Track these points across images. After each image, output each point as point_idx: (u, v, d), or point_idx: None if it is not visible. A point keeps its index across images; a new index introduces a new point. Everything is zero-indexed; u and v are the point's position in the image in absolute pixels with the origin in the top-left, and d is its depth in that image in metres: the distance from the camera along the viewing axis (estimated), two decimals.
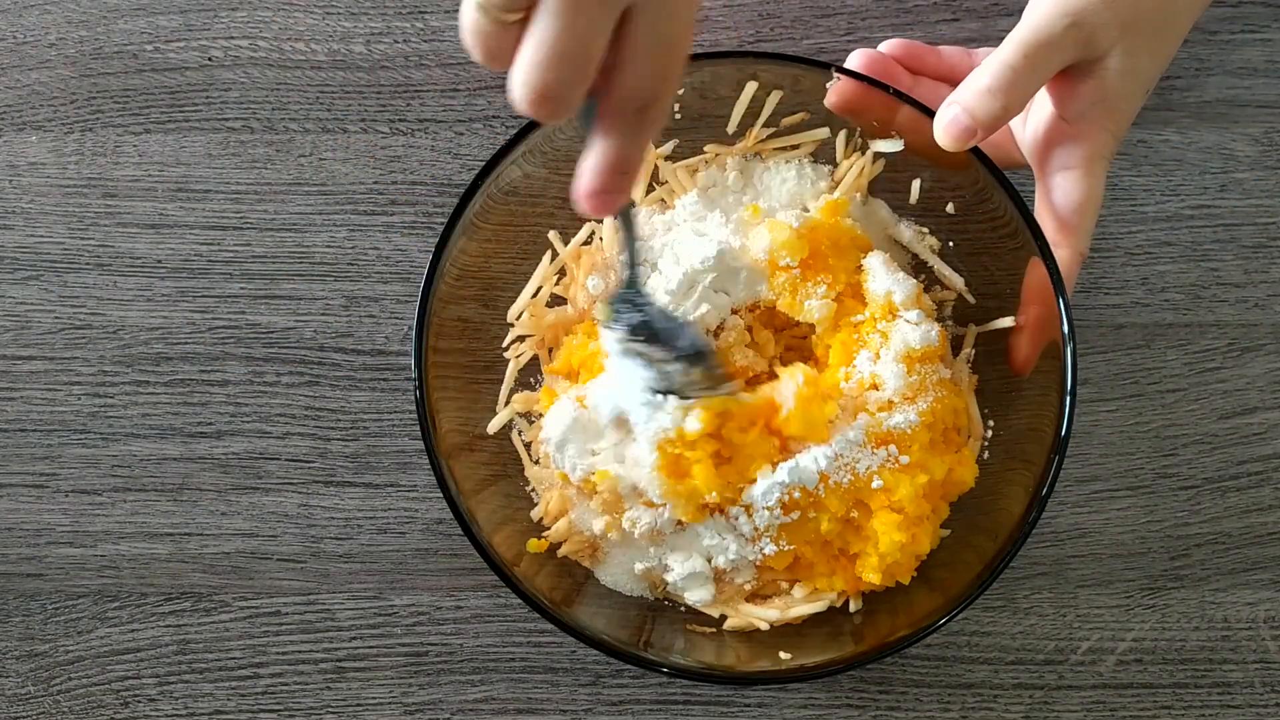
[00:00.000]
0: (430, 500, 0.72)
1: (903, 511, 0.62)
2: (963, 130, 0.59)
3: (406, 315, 0.73)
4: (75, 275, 0.74)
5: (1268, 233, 0.74)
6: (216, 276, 0.74)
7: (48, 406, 0.73)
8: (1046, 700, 0.70)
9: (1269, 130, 0.75)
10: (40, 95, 0.76)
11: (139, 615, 0.71)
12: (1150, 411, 0.72)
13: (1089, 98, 0.60)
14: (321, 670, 0.70)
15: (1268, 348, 0.73)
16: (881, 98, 0.64)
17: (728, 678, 0.64)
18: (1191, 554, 0.71)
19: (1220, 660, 0.70)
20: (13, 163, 0.75)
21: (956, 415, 0.66)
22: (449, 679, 0.70)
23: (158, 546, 0.72)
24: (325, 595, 0.71)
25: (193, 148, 0.75)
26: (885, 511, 0.63)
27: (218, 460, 0.72)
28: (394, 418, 0.73)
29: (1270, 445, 0.72)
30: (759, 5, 0.76)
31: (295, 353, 0.73)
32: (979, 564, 0.62)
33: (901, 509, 0.62)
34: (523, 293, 0.69)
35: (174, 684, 0.71)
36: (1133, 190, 0.74)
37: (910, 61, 0.68)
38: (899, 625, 0.63)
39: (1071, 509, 0.71)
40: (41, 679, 0.71)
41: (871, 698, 0.70)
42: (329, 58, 0.76)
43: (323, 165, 0.75)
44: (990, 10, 0.75)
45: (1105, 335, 0.73)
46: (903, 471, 0.63)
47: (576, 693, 0.70)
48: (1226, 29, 0.75)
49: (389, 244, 0.74)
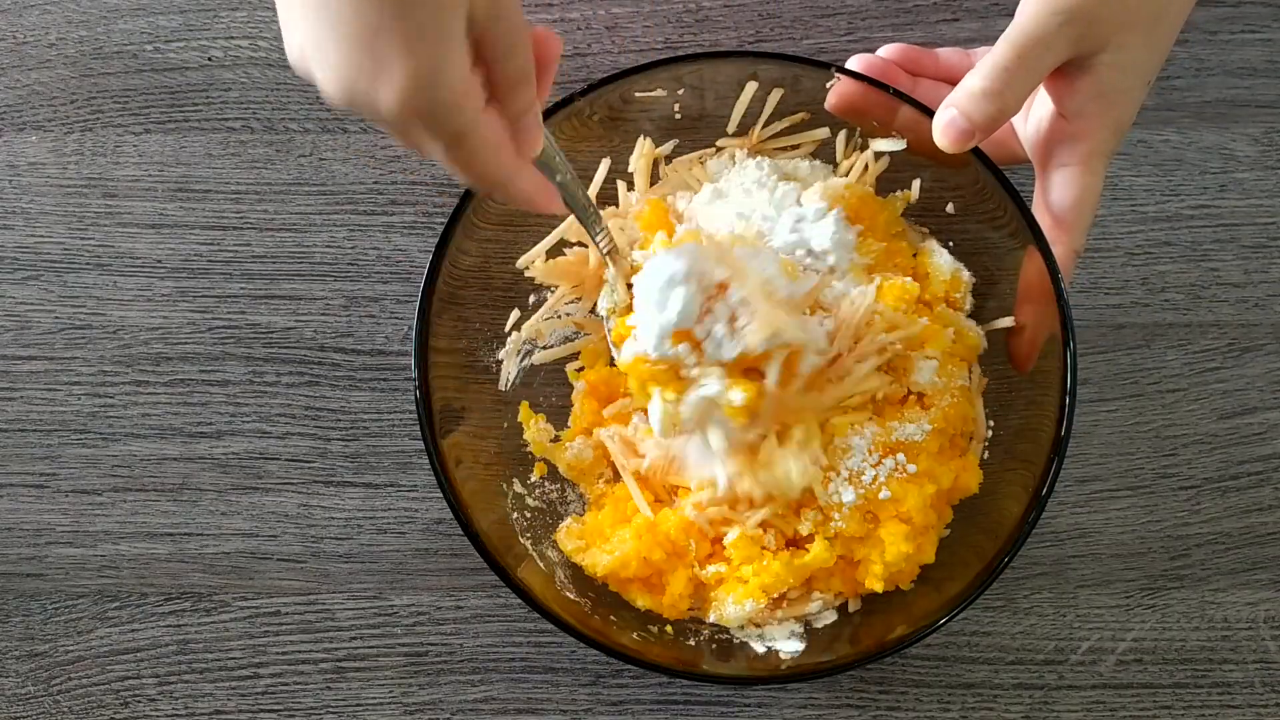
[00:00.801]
0: (430, 500, 0.72)
1: (910, 522, 0.63)
2: (960, 132, 0.59)
3: (406, 315, 0.73)
4: (75, 275, 0.74)
5: (1268, 233, 0.74)
6: (216, 276, 0.74)
7: (48, 406, 0.73)
8: (1046, 700, 0.70)
9: (1269, 130, 0.75)
10: (40, 95, 0.76)
11: (139, 615, 0.71)
12: (1150, 411, 0.72)
13: (1087, 93, 0.60)
14: (321, 670, 0.70)
15: (1268, 348, 0.73)
16: (881, 98, 0.64)
17: (728, 678, 0.64)
18: (1191, 554, 0.71)
19: (1220, 660, 0.70)
20: (13, 163, 0.75)
21: (965, 422, 0.66)
22: (449, 679, 0.70)
23: (158, 546, 0.72)
24: (325, 595, 0.71)
25: (193, 148, 0.75)
26: (894, 522, 0.63)
27: (218, 460, 0.72)
28: (394, 418, 0.73)
29: (1270, 445, 0.72)
30: (759, 5, 0.76)
31: (295, 353, 0.73)
32: (979, 564, 0.62)
33: (909, 519, 0.63)
34: (539, 244, 0.69)
35: (174, 684, 0.70)
36: (1133, 190, 0.74)
37: (909, 65, 0.68)
38: (898, 625, 0.63)
39: (1071, 509, 0.71)
40: (41, 679, 0.71)
41: (871, 698, 0.70)
42: None
43: (323, 165, 0.75)
44: (990, 10, 0.75)
45: (1105, 335, 0.73)
46: (911, 481, 0.63)
47: (576, 693, 0.70)
48: (1226, 29, 0.75)
49: (389, 244, 0.74)
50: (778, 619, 0.66)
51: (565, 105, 0.64)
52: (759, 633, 0.66)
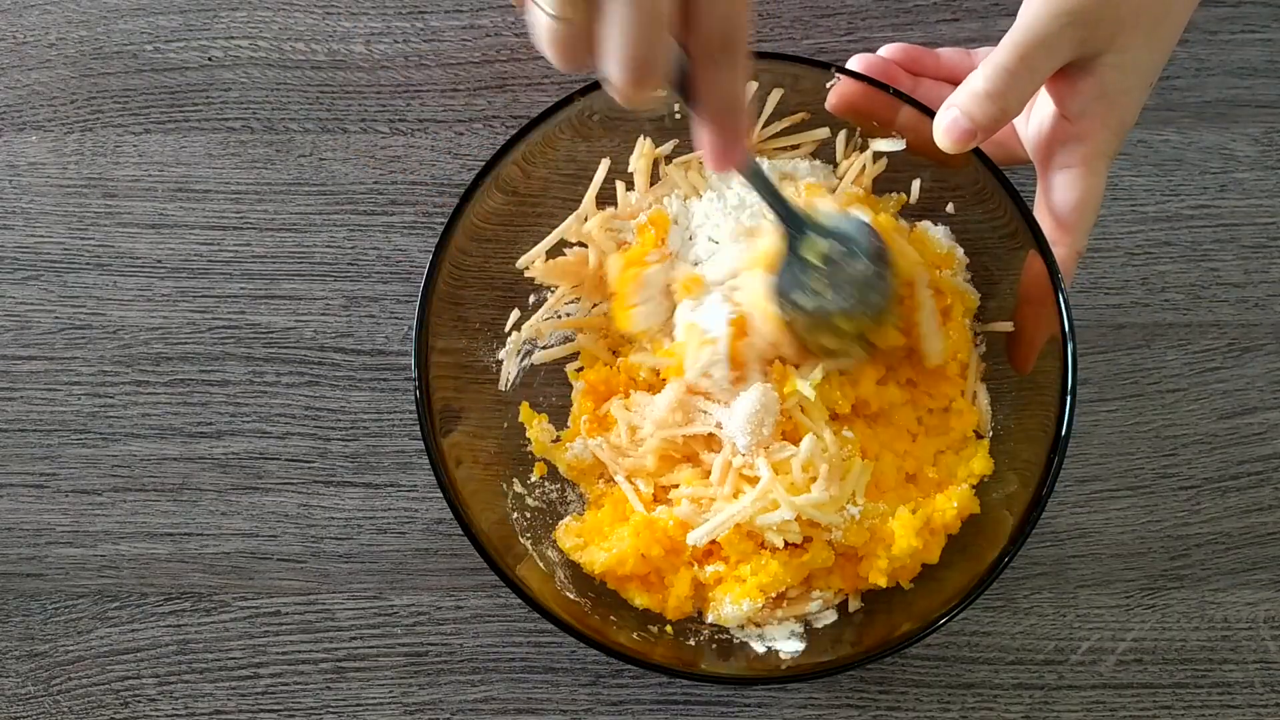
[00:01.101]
0: (430, 500, 0.72)
1: (927, 520, 0.63)
2: (963, 133, 0.59)
3: (406, 315, 0.73)
4: (75, 275, 0.74)
5: (1268, 233, 0.74)
6: (216, 276, 0.74)
7: (48, 406, 0.73)
8: (1046, 700, 0.70)
9: (1269, 130, 0.75)
10: (40, 95, 0.76)
11: (139, 615, 0.71)
12: (1150, 411, 0.72)
13: (1089, 94, 0.60)
14: (321, 670, 0.70)
15: (1268, 348, 0.73)
16: (882, 98, 0.64)
17: (728, 678, 0.64)
18: (1191, 554, 0.71)
19: (1220, 660, 0.70)
20: (13, 163, 0.75)
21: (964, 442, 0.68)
22: (449, 679, 0.70)
23: (158, 546, 0.72)
24: (325, 595, 0.71)
25: (193, 148, 0.75)
26: (907, 515, 0.63)
27: (218, 460, 0.72)
28: (394, 418, 0.73)
29: (1270, 445, 0.72)
30: (759, 5, 0.76)
31: (295, 353, 0.73)
32: (979, 564, 0.62)
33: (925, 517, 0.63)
34: (539, 244, 0.69)
35: (174, 684, 0.70)
36: (1133, 190, 0.74)
37: (910, 65, 0.68)
38: (899, 625, 0.63)
39: (1071, 509, 0.71)
40: (41, 679, 0.71)
41: (871, 698, 0.70)
42: (329, 58, 0.76)
43: (323, 165, 0.75)
44: (990, 10, 0.75)
45: (1105, 335, 0.73)
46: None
47: (576, 693, 0.70)
48: (1226, 29, 0.75)
49: (389, 244, 0.74)
50: (777, 619, 0.66)
51: (565, 105, 0.64)
52: (759, 632, 0.66)
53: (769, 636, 0.65)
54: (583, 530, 0.67)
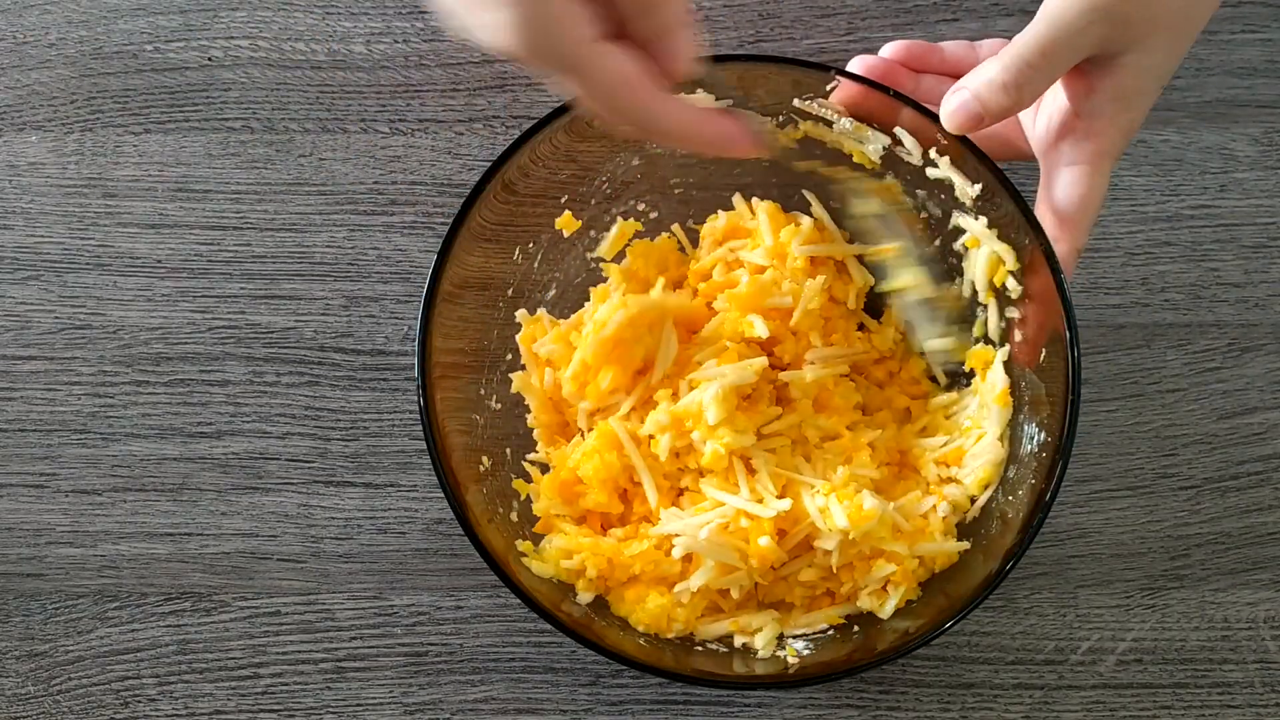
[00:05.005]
0: (430, 500, 0.72)
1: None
2: (971, 116, 0.58)
3: (406, 315, 0.73)
4: (75, 275, 0.74)
5: (1268, 233, 0.74)
6: (216, 276, 0.74)
7: (48, 406, 0.73)
8: (1046, 700, 0.70)
9: (1269, 130, 0.75)
10: (40, 95, 0.76)
11: (139, 615, 0.71)
12: (1150, 411, 0.72)
13: (1106, 94, 0.59)
14: (321, 670, 0.70)
15: (1268, 348, 0.73)
16: (882, 100, 0.64)
17: (728, 680, 0.64)
18: (1191, 554, 0.71)
19: (1220, 660, 0.70)
20: (13, 163, 0.75)
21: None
22: (449, 679, 0.70)
23: (158, 546, 0.72)
24: (325, 595, 0.71)
25: (193, 148, 0.75)
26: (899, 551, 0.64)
27: (218, 460, 0.72)
28: (394, 418, 0.73)
29: (1270, 445, 0.72)
30: (759, 5, 0.76)
31: (295, 353, 0.73)
32: (981, 569, 0.62)
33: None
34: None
35: (174, 684, 0.70)
36: (1133, 190, 0.74)
37: (913, 62, 0.67)
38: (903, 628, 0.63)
39: (1071, 509, 0.71)
40: (41, 679, 0.71)
41: (872, 698, 0.70)
42: (329, 58, 0.76)
43: (323, 165, 0.75)
44: (990, 10, 0.75)
45: (1105, 335, 0.73)
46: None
47: (576, 693, 0.70)
48: (1226, 29, 0.75)
49: (389, 244, 0.74)
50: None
51: (566, 108, 0.64)
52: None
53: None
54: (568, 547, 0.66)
